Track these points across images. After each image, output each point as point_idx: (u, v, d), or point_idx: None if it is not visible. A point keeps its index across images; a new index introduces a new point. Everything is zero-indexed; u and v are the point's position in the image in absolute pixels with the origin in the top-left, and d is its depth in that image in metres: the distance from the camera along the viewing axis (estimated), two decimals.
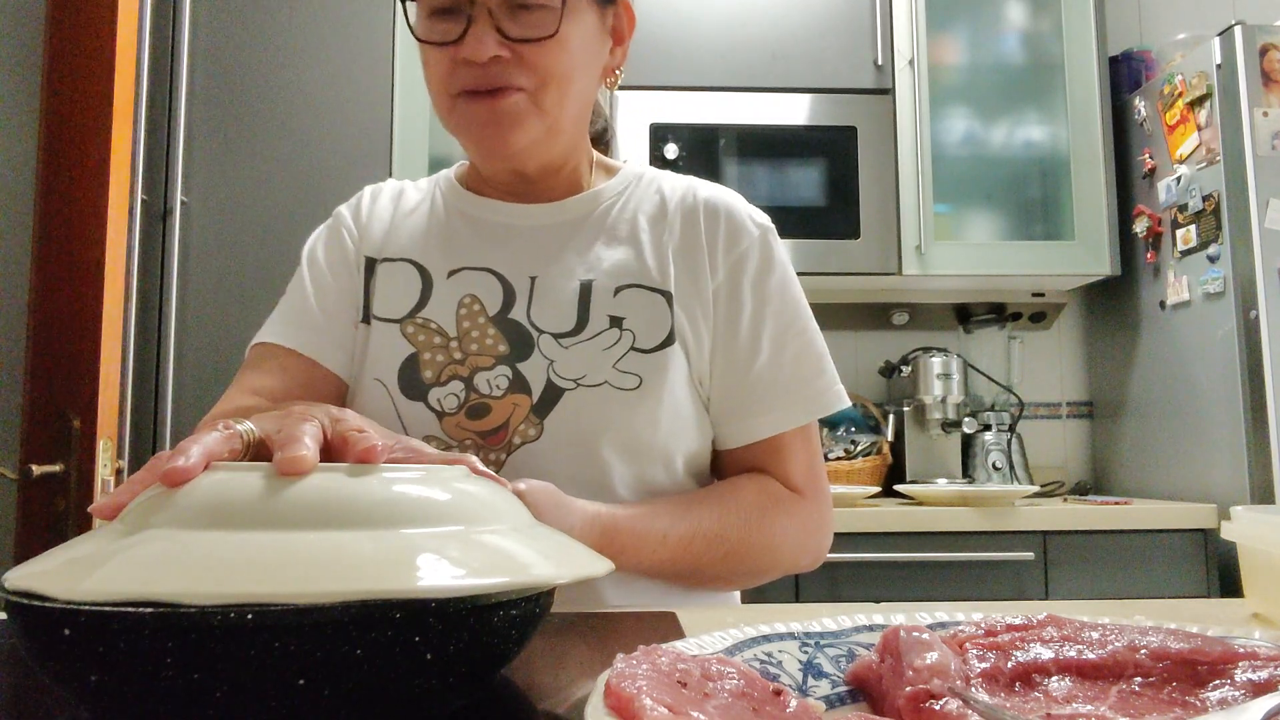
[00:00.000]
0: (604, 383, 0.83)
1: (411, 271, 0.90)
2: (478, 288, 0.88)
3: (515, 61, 0.80)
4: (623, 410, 0.82)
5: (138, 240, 1.92)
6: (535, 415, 0.83)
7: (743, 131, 2.30)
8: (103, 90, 1.62)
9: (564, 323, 0.85)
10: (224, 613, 0.35)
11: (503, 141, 0.82)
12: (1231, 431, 2.02)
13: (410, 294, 0.89)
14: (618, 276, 0.87)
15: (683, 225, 0.90)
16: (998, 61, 2.46)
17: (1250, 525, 0.66)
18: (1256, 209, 1.99)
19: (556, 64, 0.81)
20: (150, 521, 0.42)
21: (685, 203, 0.91)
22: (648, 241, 0.89)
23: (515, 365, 0.84)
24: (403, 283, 0.89)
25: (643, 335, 0.85)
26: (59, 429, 1.55)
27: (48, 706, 0.47)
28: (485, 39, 0.79)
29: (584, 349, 0.84)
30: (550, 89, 0.82)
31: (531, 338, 0.85)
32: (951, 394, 2.43)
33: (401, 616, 0.38)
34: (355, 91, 2.11)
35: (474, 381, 0.84)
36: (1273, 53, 2.02)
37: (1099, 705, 0.39)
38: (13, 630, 0.40)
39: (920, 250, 2.28)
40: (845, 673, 0.45)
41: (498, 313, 0.86)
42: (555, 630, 0.63)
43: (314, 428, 0.51)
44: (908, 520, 1.97)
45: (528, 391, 0.83)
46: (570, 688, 0.48)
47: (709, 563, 0.82)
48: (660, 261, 0.88)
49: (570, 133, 0.88)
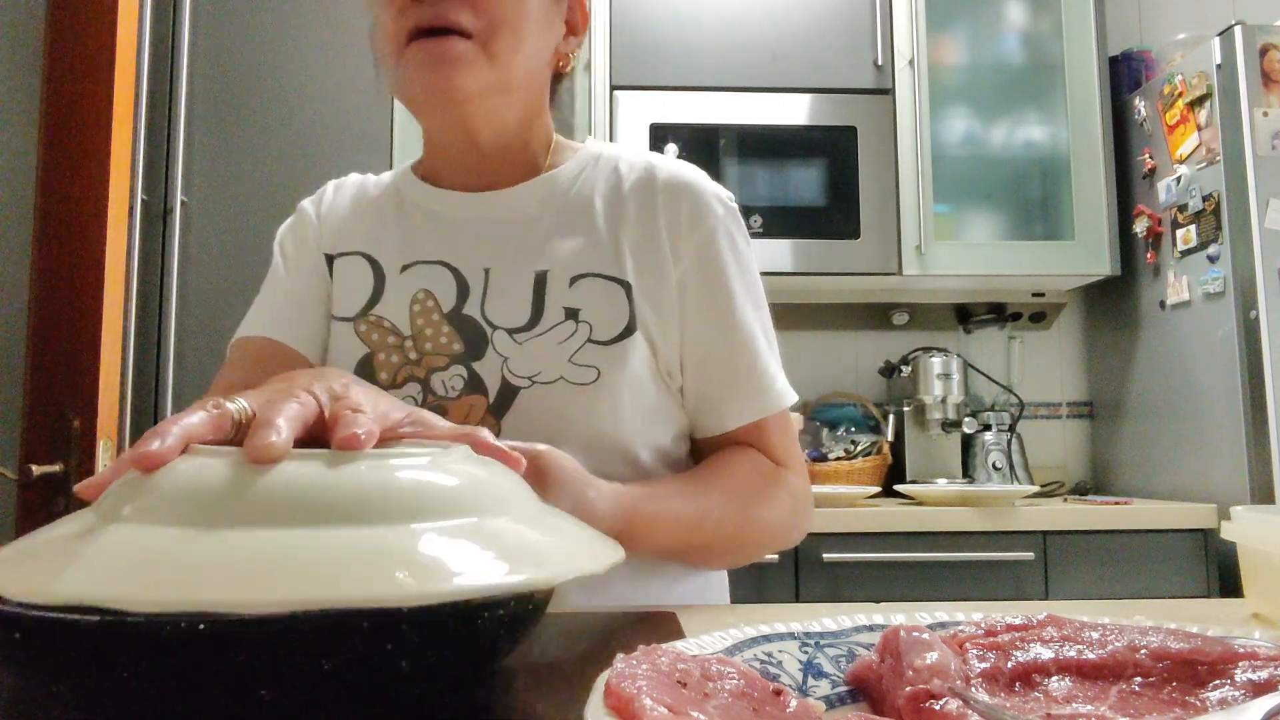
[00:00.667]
0: (559, 378, 0.80)
1: (364, 266, 0.88)
2: (431, 282, 0.85)
3: (466, 3, 0.78)
4: (580, 406, 0.80)
5: (138, 240, 1.92)
6: (492, 415, 0.81)
7: (743, 131, 2.30)
8: (103, 90, 1.62)
9: (518, 317, 0.83)
10: (173, 622, 0.33)
11: (449, 82, 0.78)
12: (1231, 431, 2.02)
13: (363, 290, 0.87)
14: (573, 266, 0.84)
15: (640, 209, 0.86)
16: (998, 61, 2.46)
17: (1250, 525, 0.66)
18: (1256, 209, 1.99)
19: (507, 9, 0.79)
20: (119, 512, 0.40)
21: (642, 183, 0.87)
22: (604, 227, 0.86)
23: (470, 365, 0.82)
24: (356, 278, 0.88)
25: (600, 327, 0.82)
26: (59, 429, 1.55)
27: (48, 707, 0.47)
28: None
29: (538, 344, 0.82)
30: (501, 35, 0.79)
31: (486, 334, 0.83)
32: (951, 394, 2.43)
33: (370, 626, 0.35)
34: (355, 91, 2.11)
35: (430, 383, 0.82)
36: (1273, 53, 2.02)
37: (1099, 705, 0.39)
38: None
39: (920, 250, 2.28)
40: (845, 673, 0.45)
41: (452, 309, 0.84)
42: (555, 630, 0.63)
43: (297, 407, 0.47)
44: (908, 520, 1.97)
45: (484, 392, 0.81)
46: (570, 688, 0.48)
47: (714, 542, 0.83)
48: (617, 248, 0.84)
49: (523, 95, 0.85)
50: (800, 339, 2.64)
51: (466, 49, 0.78)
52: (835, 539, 1.95)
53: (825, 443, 2.52)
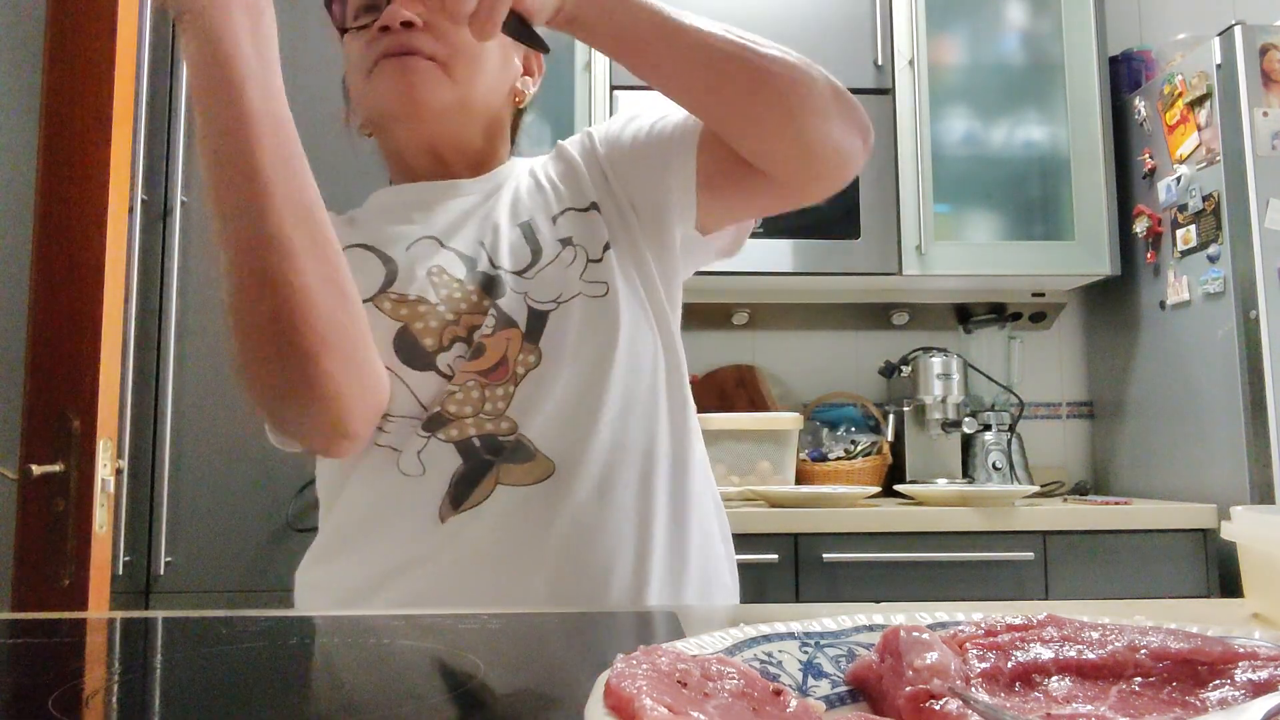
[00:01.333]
0: (578, 294, 0.87)
1: (367, 254, 0.92)
2: (437, 258, 0.90)
3: (428, 31, 0.86)
4: (606, 315, 0.86)
5: (138, 240, 1.92)
6: (529, 342, 0.85)
7: None
8: (103, 90, 1.62)
9: (521, 260, 0.89)
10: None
11: (413, 97, 0.87)
12: (1231, 431, 2.02)
13: (374, 274, 0.90)
14: (548, 209, 0.92)
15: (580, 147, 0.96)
16: (998, 61, 2.46)
17: (1250, 525, 0.66)
18: (1256, 209, 1.99)
19: (466, 38, 0.84)
20: None
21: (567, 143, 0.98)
22: (557, 176, 0.95)
23: (496, 304, 0.87)
24: (362, 264, 0.90)
25: (591, 248, 0.89)
26: (59, 429, 1.55)
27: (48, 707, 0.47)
28: (398, 8, 0.86)
29: (549, 272, 0.88)
30: (460, 61, 0.88)
31: (502, 279, 0.88)
32: (951, 394, 2.44)
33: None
34: None
35: (472, 337, 0.87)
36: (1273, 53, 2.02)
37: (1099, 705, 0.39)
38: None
39: (920, 250, 2.28)
40: (845, 673, 0.45)
41: (465, 273, 0.89)
42: (555, 630, 0.63)
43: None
44: (908, 520, 1.97)
45: (515, 325, 0.86)
46: (570, 688, 0.48)
47: (729, 63, 0.84)
48: (573, 186, 0.93)
49: (483, 118, 0.94)
50: (800, 339, 2.64)
51: (429, 67, 0.87)
52: (835, 539, 1.95)
53: (825, 443, 2.52)
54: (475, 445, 0.84)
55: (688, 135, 0.89)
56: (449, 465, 0.84)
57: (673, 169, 0.90)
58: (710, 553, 0.93)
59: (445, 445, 0.84)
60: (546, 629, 0.64)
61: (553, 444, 0.84)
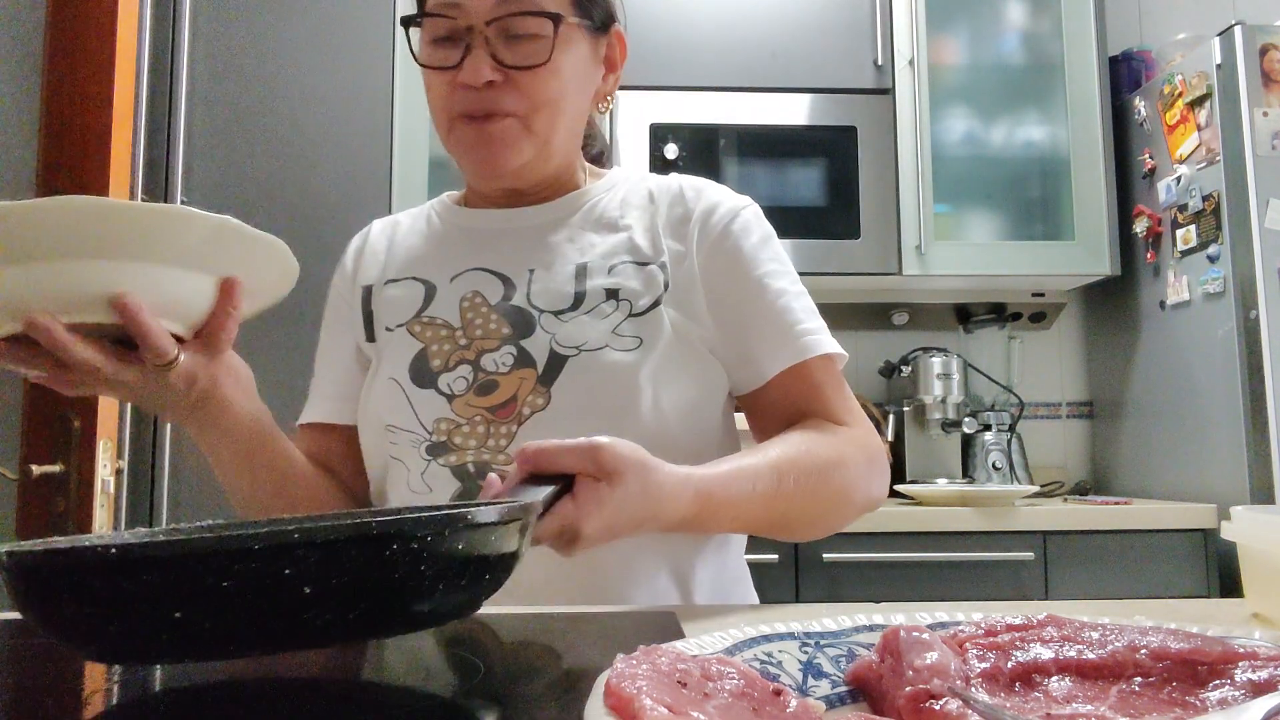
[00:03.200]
0: (605, 346, 0.86)
1: (414, 285, 0.94)
2: (478, 285, 0.92)
3: (509, 87, 0.85)
4: (625, 369, 0.85)
5: None
6: (542, 385, 0.85)
7: (743, 131, 2.30)
8: (103, 90, 1.62)
9: (562, 301, 0.89)
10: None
11: (495, 163, 0.88)
12: (1231, 431, 2.02)
13: (413, 302, 0.93)
14: (610, 256, 0.91)
15: (670, 204, 0.94)
16: (998, 61, 2.46)
17: (1250, 525, 0.66)
18: (1256, 209, 1.99)
19: (547, 90, 0.86)
20: None
21: (670, 187, 0.96)
22: (637, 223, 0.93)
23: (519, 343, 0.87)
24: (407, 294, 0.94)
25: (637, 302, 0.88)
26: (59, 429, 1.55)
27: (48, 707, 0.47)
28: (481, 66, 0.84)
29: (583, 320, 0.87)
30: (541, 114, 0.87)
31: (533, 318, 0.88)
32: (951, 394, 2.43)
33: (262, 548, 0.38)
34: (355, 92, 2.11)
35: (480, 363, 0.87)
36: (1273, 53, 2.02)
37: (1099, 705, 0.39)
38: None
39: (920, 250, 2.28)
40: (845, 673, 0.45)
41: (499, 301, 0.90)
42: (555, 630, 0.63)
43: None
44: (908, 520, 1.97)
45: (533, 365, 0.86)
46: (570, 688, 0.48)
47: (792, 513, 0.82)
48: (652, 238, 0.92)
49: (562, 152, 0.93)
50: None
51: (511, 127, 0.86)
52: (835, 539, 1.95)
53: None
54: (470, 471, 0.86)
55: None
56: (448, 488, 0.86)
57: (731, 363, 0.91)
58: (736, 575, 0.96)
59: (443, 470, 0.86)
60: (547, 629, 0.64)
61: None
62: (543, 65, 0.85)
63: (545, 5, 0.85)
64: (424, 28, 0.87)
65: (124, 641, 0.40)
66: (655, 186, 0.97)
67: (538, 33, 0.85)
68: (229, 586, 0.37)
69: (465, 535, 0.43)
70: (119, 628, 0.39)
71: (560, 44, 0.86)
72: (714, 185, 0.97)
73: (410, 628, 0.44)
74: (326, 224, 2.02)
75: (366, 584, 0.40)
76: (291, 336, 1.91)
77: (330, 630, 0.40)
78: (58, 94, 1.72)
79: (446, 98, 0.87)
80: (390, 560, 0.40)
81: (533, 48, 0.85)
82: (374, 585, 0.40)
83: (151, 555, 0.38)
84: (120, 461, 1.71)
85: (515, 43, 0.85)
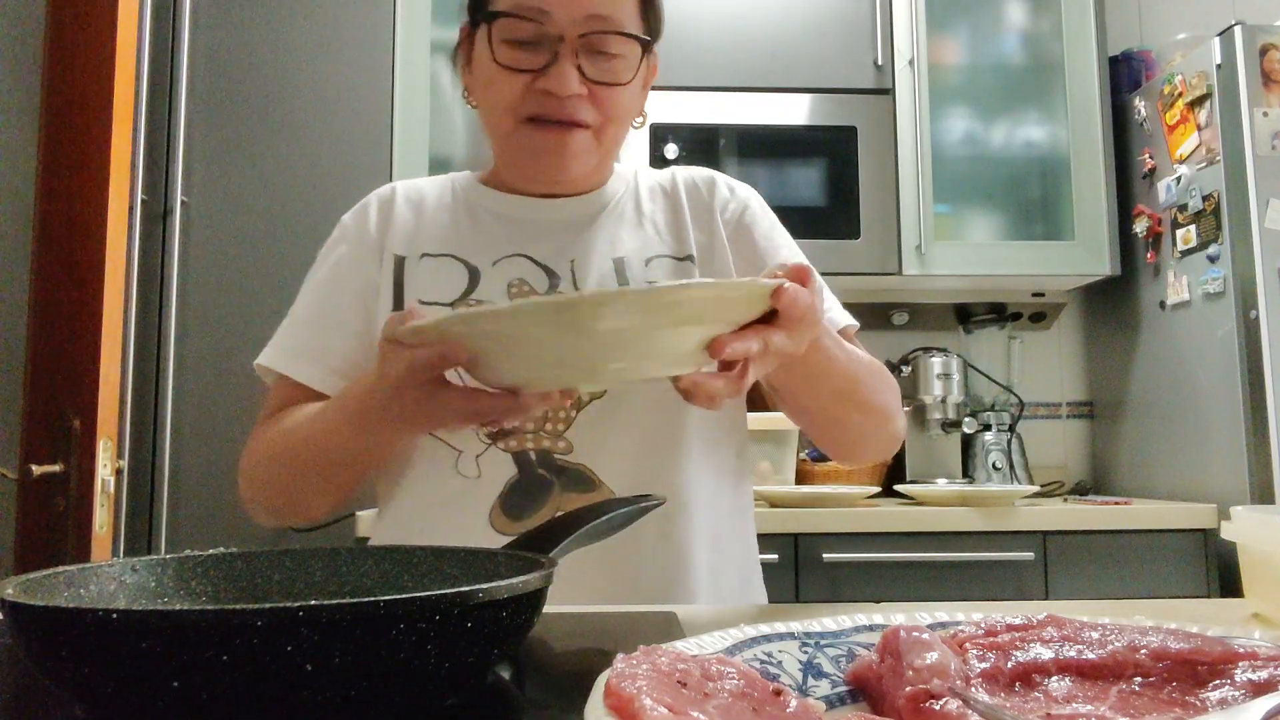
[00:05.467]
0: None
1: (454, 264, 0.94)
2: (523, 273, 0.93)
3: (589, 100, 0.88)
4: None
5: (138, 240, 1.92)
6: None
7: (743, 131, 2.30)
8: (103, 90, 1.62)
9: None
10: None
11: (562, 170, 0.91)
12: (1231, 431, 2.02)
13: (456, 283, 0.93)
14: (644, 252, 0.95)
15: (688, 196, 0.99)
16: (998, 61, 2.46)
17: (1250, 525, 0.66)
18: (1256, 209, 1.99)
19: (620, 105, 0.90)
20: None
21: (676, 181, 1.01)
22: (660, 219, 0.98)
23: None
24: (446, 274, 0.94)
25: None
26: (59, 429, 1.55)
27: (48, 706, 0.47)
28: (570, 76, 0.86)
29: None
30: (611, 128, 0.91)
31: None
32: (951, 394, 2.43)
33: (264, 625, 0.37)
34: (355, 91, 2.11)
35: None
36: (1273, 53, 2.02)
37: (1099, 705, 0.39)
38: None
39: (920, 250, 2.28)
40: (845, 673, 0.45)
41: (546, 291, 0.92)
42: (555, 630, 0.63)
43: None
44: (908, 520, 1.97)
45: None
46: (570, 688, 0.48)
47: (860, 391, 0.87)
48: (676, 233, 0.97)
49: (610, 160, 0.98)
50: None
51: (584, 139, 0.89)
52: (835, 539, 1.95)
53: None
54: (530, 459, 0.87)
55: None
56: (504, 474, 0.87)
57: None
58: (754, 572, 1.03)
59: (503, 454, 0.87)
60: (547, 629, 0.64)
61: (618, 478, 0.87)
62: (626, 84, 0.89)
63: (630, 27, 0.89)
64: (499, 27, 0.87)
65: (119, 703, 0.40)
66: (664, 179, 1.01)
67: (622, 53, 0.88)
68: (228, 660, 0.37)
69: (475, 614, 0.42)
70: (115, 690, 0.39)
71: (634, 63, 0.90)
72: (718, 175, 1.02)
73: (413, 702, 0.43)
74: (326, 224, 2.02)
75: (369, 663, 0.39)
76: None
77: (330, 707, 0.40)
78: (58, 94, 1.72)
79: (518, 98, 0.88)
80: (395, 640, 0.39)
81: (617, 65, 0.88)
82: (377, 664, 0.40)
83: (153, 625, 0.38)
84: (120, 461, 1.71)
85: (601, 59, 0.88)
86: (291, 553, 0.60)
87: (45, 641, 0.40)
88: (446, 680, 0.43)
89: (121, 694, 0.39)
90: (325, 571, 0.59)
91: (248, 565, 0.57)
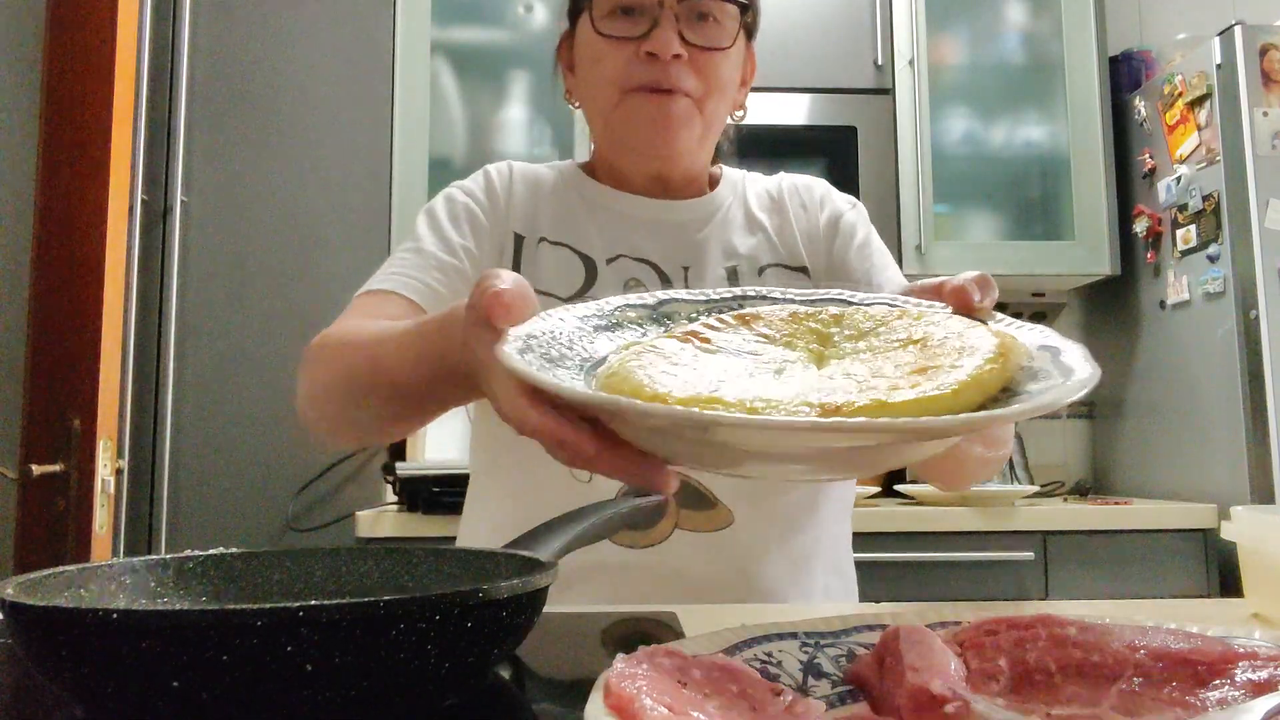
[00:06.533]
0: None
1: (571, 256, 0.93)
2: (637, 274, 0.92)
3: (690, 65, 0.87)
4: None
5: (138, 240, 1.92)
6: None
7: (743, 131, 2.30)
8: (103, 90, 1.62)
9: None
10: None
11: (668, 140, 0.89)
12: (1231, 431, 2.02)
13: (574, 277, 0.92)
14: (757, 261, 0.94)
15: (797, 206, 0.99)
16: (998, 61, 2.46)
17: (1250, 525, 0.66)
18: (1256, 209, 1.99)
19: (720, 74, 0.89)
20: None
21: (786, 188, 1.01)
22: (770, 227, 0.97)
23: None
24: (564, 265, 0.93)
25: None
26: (59, 429, 1.55)
27: (48, 706, 0.47)
28: (671, 38, 0.85)
29: None
30: (713, 97, 0.89)
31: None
32: None
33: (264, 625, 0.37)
34: (355, 91, 2.11)
35: None
36: (1273, 53, 2.02)
37: (1099, 705, 0.39)
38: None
39: (920, 250, 2.28)
40: (845, 673, 0.45)
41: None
42: (555, 630, 0.63)
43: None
44: (908, 520, 1.97)
45: None
46: (570, 688, 0.48)
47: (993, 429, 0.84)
48: (788, 242, 0.96)
49: (709, 146, 0.96)
50: None
51: (687, 107, 0.88)
52: None
53: None
54: None
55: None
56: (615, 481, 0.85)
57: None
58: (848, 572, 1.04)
59: None
60: (547, 629, 0.64)
61: (732, 496, 0.87)
62: (725, 49, 0.88)
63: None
64: (599, 3, 0.88)
65: (119, 703, 0.40)
66: (771, 186, 1.01)
67: (721, 18, 0.88)
68: (229, 660, 0.37)
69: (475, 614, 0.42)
70: (115, 690, 0.39)
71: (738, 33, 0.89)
72: (828, 186, 1.02)
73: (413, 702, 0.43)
74: (327, 224, 2.02)
75: (370, 663, 0.39)
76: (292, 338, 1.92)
77: (330, 707, 0.40)
78: (58, 94, 1.72)
79: (624, 68, 0.87)
80: (395, 640, 0.39)
81: (717, 30, 0.88)
82: (377, 664, 0.40)
83: (152, 625, 0.38)
84: (120, 461, 1.71)
85: (700, 23, 0.87)
86: (291, 553, 0.59)
87: (45, 641, 0.40)
88: (447, 680, 0.43)
89: (121, 694, 0.39)
90: (325, 571, 0.59)
91: (248, 565, 0.57)
